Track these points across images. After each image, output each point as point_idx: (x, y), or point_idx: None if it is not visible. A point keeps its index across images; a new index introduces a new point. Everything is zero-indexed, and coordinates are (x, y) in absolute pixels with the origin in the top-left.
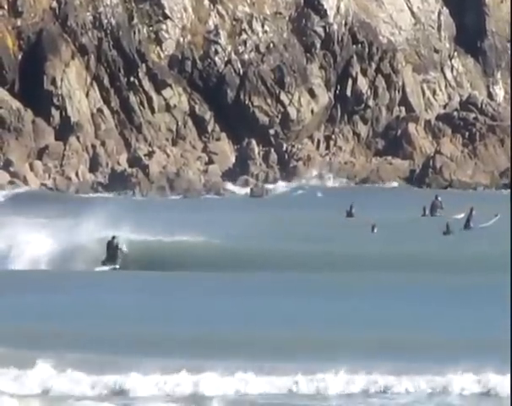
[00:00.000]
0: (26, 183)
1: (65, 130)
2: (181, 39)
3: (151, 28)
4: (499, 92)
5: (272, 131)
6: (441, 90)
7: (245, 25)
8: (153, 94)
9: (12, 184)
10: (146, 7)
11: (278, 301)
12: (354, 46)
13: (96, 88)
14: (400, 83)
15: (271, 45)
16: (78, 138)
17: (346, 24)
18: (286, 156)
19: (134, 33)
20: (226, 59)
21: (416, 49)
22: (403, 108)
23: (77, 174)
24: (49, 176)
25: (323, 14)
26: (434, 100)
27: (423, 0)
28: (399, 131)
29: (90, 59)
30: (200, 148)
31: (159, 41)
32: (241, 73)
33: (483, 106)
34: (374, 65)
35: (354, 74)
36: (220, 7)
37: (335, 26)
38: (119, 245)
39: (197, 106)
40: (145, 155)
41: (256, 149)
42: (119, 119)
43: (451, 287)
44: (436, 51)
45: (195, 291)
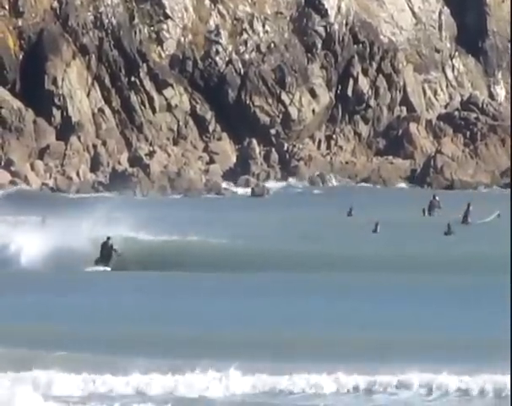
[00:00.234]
0: (27, 182)
1: (66, 130)
2: (182, 39)
3: (152, 28)
4: (500, 92)
5: (273, 131)
6: (442, 89)
7: (246, 25)
8: (154, 94)
9: (13, 184)
10: (147, 6)
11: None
12: (355, 45)
13: (97, 88)
14: (401, 83)
15: (272, 45)
16: (79, 137)
17: (347, 23)
18: (287, 156)
19: (135, 33)
20: (227, 59)
21: (417, 49)
22: (404, 108)
23: (78, 174)
24: (50, 176)
25: (324, 14)
26: (435, 99)
27: (424, 0)
28: (400, 131)
29: (91, 59)
30: (201, 148)
31: (160, 41)
32: (242, 72)
33: (484, 105)
34: (375, 65)
35: (355, 74)
36: (221, 6)
37: (336, 26)
38: (113, 246)
39: (198, 105)
40: (146, 154)
41: (257, 149)
42: (120, 119)
43: (451, 286)
44: (437, 50)
45: (192, 291)
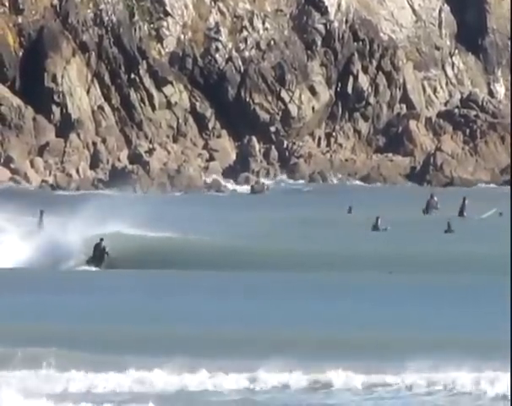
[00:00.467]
0: (27, 179)
1: (66, 127)
2: (181, 36)
3: (152, 25)
4: (500, 89)
5: (273, 128)
6: (442, 87)
7: (246, 22)
8: (154, 91)
9: (12, 181)
10: (147, 4)
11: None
12: (355, 43)
13: (97, 85)
14: (401, 80)
15: (272, 42)
16: (78, 135)
17: (347, 21)
18: (287, 154)
19: (135, 30)
20: (227, 56)
21: (417, 46)
22: (404, 105)
23: (78, 171)
24: (50, 173)
25: (324, 12)
26: (435, 97)
27: None
28: (399, 128)
29: (91, 56)
30: (201, 145)
31: (159, 38)
32: (241, 70)
33: (484, 103)
34: (375, 62)
35: (355, 72)
36: (220, 4)
37: (336, 23)
38: (106, 249)
39: (198, 103)
40: (146, 152)
41: (257, 146)
42: (120, 116)
43: (451, 286)
44: (437, 48)
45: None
